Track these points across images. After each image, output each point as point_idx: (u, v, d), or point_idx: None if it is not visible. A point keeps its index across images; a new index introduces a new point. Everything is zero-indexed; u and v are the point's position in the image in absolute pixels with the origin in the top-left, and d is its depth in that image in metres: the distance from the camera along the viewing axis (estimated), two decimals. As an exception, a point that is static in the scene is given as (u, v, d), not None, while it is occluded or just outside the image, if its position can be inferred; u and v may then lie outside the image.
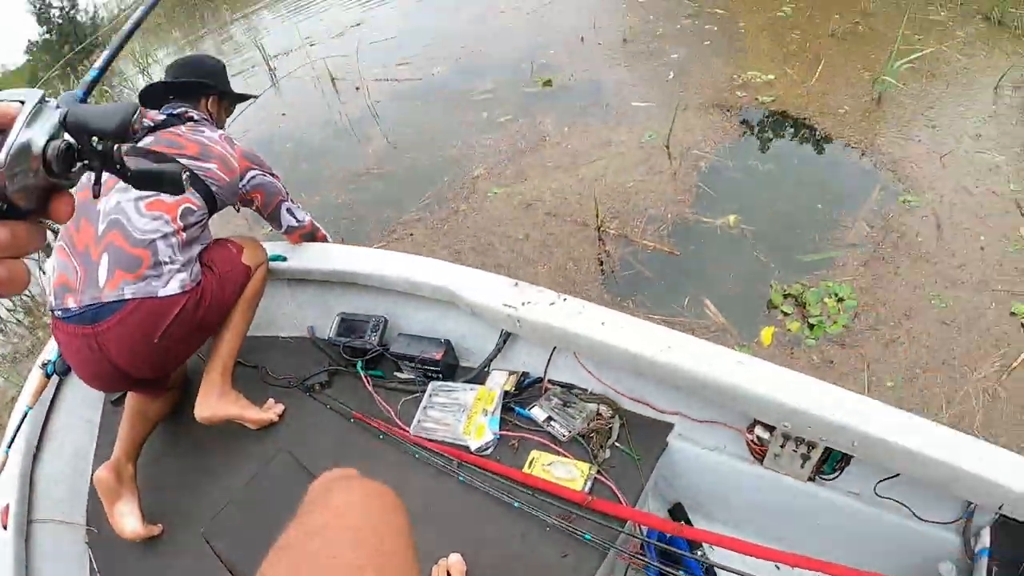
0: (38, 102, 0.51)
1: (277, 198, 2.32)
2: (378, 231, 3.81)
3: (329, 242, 2.55)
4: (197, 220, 2.02)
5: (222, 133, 2.22)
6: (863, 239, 2.95)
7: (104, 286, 1.86)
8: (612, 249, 3.16)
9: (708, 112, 4.19)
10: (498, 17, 7.40)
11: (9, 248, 0.48)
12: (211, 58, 2.58)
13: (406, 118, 5.28)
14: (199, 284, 1.98)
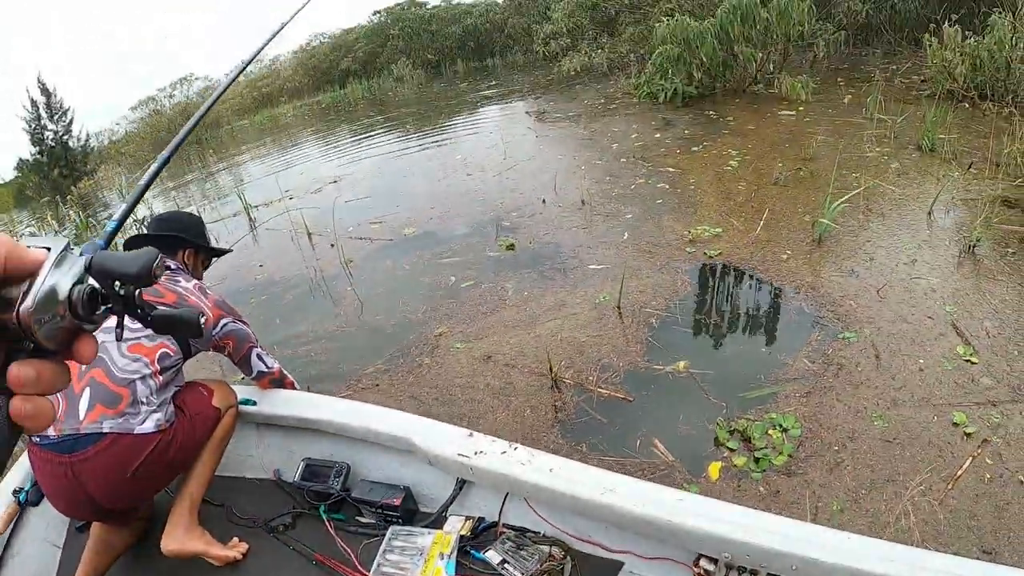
0: (63, 249, 0.54)
1: (247, 344, 2.45)
2: (345, 381, 3.95)
3: (296, 389, 2.66)
4: (172, 364, 2.15)
5: (196, 283, 2.39)
6: (804, 373, 3.13)
7: (84, 418, 1.96)
8: (567, 397, 3.30)
9: (660, 271, 4.47)
10: (465, 180, 7.90)
11: (35, 386, 0.50)
12: (188, 214, 2.79)
13: (377, 277, 5.56)
14: (172, 424, 2.09)
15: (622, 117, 10.35)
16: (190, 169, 23.14)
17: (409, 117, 18.36)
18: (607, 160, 7.70)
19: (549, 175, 7.30)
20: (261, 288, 5.84)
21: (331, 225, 7.07)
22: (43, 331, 0.50)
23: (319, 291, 5.56)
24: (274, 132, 28.93)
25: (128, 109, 50.40)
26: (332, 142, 17.08)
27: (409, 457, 2.16)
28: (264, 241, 7.59)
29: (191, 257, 2.58)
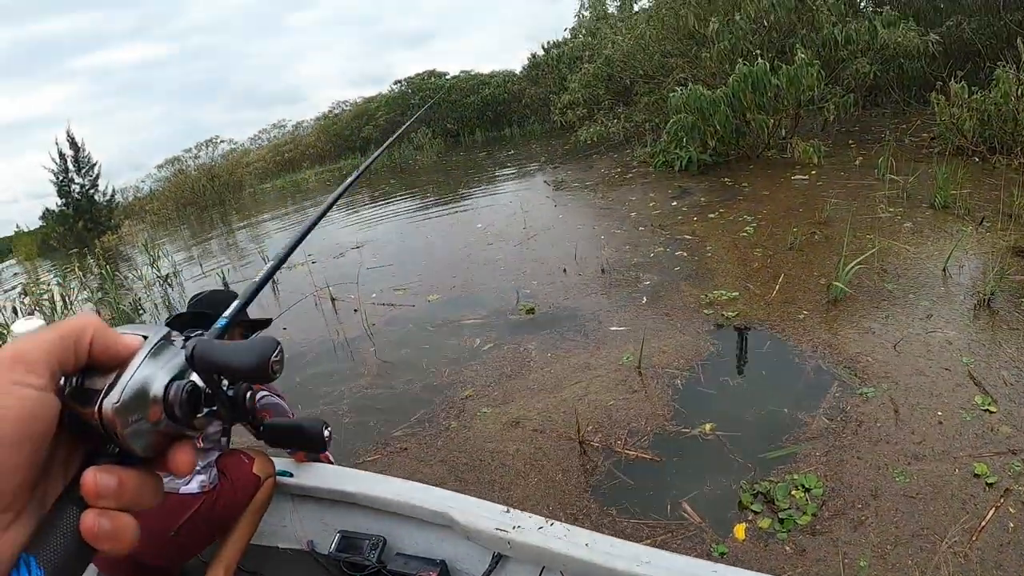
0: (162, 338, 0.48)
1: (285, 416, 2.52)
2: (372, 445, 4.01)
3: (332, 461, 2.73)
4: (213, 431, 2.25)
5: None
6: (823, 432, 3.19)
7: None
8: (597, 460, 3.36)
9: (681, 332, 4.57)
10: (486, 249, 8.06)
11: (116, 498, 0.43)
12: (224, 291, 2.95)
13: (400, 341, 5.67)
14: (215, 487, 2.18)
15: (639, 186, 10.58)
16: (213, 229, 23.57)
17: (430, 185, 18.73)
18: (625, 228, 7.89)
19: (569, 243, 7.49)
20: (284, 349, 5.97)
21: (354, 290, 7.28)
22: (130, 433, 0.43)
23: (343, 354, 5.69)
24: (296, 196, 29.47)
25: (154, 167, 51.56)
26: (354, 208, 17.38)
27: (445, 531, 2.19)
28: (287, 304, 7.77)
29: (232, 335, 2.67)
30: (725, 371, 3.99)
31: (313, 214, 0.87)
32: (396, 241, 10.61)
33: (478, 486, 3.31)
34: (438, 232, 10.67)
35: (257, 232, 18.20)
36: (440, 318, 6.00)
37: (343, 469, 2.65)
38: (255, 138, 54.41)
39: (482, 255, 7.83)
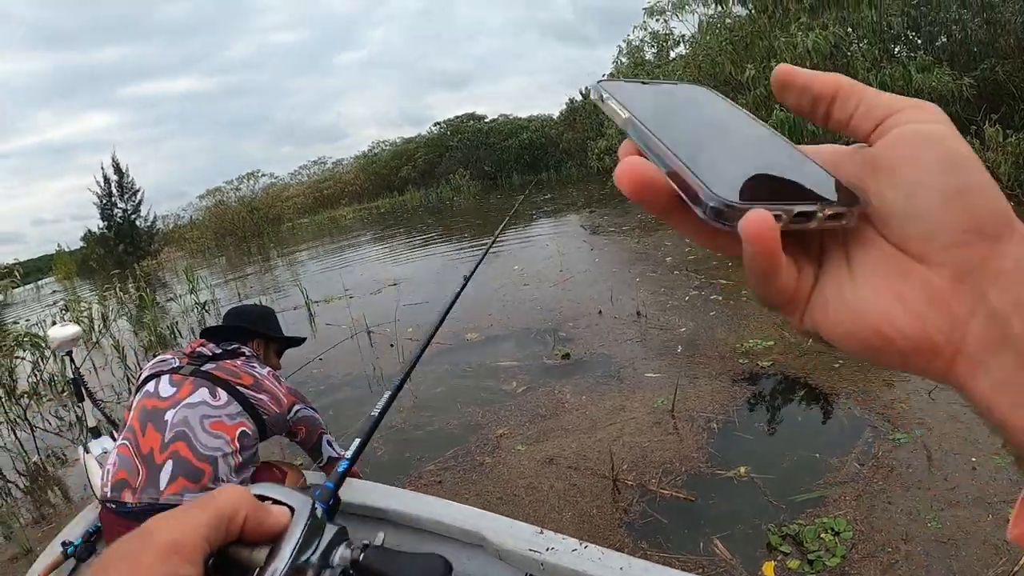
0: (310, 514, 0.47)
1: (319, 431, 2.65)
2: (406, 477, 4.11)
3: (361, 478, 2.76)
4: (251, 444, 2.31)
5: (269, 370, 2.58)
6: (854, 476, 3.25)
7: (165, 489, 2.09)
8: (631, 498, 3.44)
9: (716, 379, 4.65)
10: (522, 290, 8.19)
11: None
12: (260, 306, 3.06)
13: (436, 379, 5.80)
14: None
15: (675, 231, 10.64)
16: (250, 261, 23.99)
17: (466, 226, 18.98)
18: (661, 273, 8.01)
19: (605, 287, 7.62)
20: (319, 380, 6.16)
21: (390, 326, 7.49)
22: None
23: (378, 388, 5.83)
24: (334, 232, 29.88)
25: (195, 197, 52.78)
26: (391, 246, 17.67)
27: (477, 551, 2.18)
28: (323, 336, 7.97)
29: (260, 347, 2.78)
30: (760, 417, 4.07)
31: (443, 305, 1.03)
32: (432, 279, 10.83)
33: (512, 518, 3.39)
34: (475, 273, 10.82)
35: (294, 267, 18.55)
36: (476, 357, 6.13)
37: (374, 484, 2.67)
38: (295, 173, 55.72)
39: (518, 295, 7.98)
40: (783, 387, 4.39)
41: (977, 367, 0.31)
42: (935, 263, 0.31)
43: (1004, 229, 0.31)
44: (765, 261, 0.32)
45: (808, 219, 0.33)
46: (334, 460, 2.70)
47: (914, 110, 0.33)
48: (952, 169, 0.31)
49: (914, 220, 0.32)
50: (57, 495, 5.31)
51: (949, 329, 0.31)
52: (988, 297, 0.30)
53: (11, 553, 4.32)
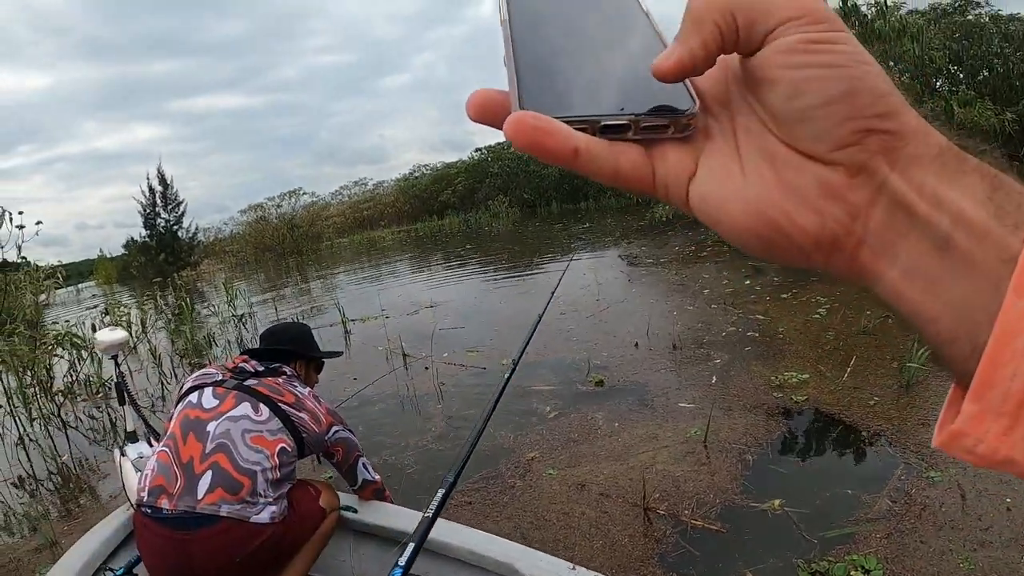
0: None
1: (355, 453, 2.69)
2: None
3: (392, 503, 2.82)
4: (289, 461, 2.35)
5: (310, 390, 2.64)
6: (885, 514, 3.24)
7: (202, 498, 2.13)
8: (663, 528, 3.46)
9: (750, 411, 4.67)
10: (559, 319, 8.23)
11: None
12: (297, 325, 3.12)
13: (469, 401, 5.88)
14: (285, 519, 2.27)
15: (712, 264, 10.70)
16: (289, 277, 24.30)
17: (504, 252, 19.10)
18: (698, 305, 8.04)
19: (642, 318, 7.64)
20: (352, 397, 6.23)
21: (426, 347, 7.58)
22: None
23: (410, 408, 5.92)
24: (372, 253, 30.17)
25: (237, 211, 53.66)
26: (429, 269, 17.80)
27: None
28: (358, 355, 8.10)
29: (301, 367, 2.83)
30: (794, 450, 4.08)
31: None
32: (469, 303, 10.95)
33: (542, 544, 3.39)
34: (511, 298, 10.98)
35: (331, 285, 18.79)
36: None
37: (407, 510, 2.72)
38: (336, 193, 56.53)
39: (554, 324, 8.02)
40: (817, 422, 4.39)
41: (883, 256, 0.33)
42: (827, 161, 0.32)
43: (895, 120, 0.32)
44: (540, 153, 0.34)
45: (622, 130, 0.35)
46: (368, 483, 2.75)
47: (791, 21, 0.32)
48: (836, 72, 0.32)
49: (798, 124, 0.33)
50: (85, 493, 5.48)
51: (849, 220, 0.32)
52: (888, 184, 0.31)
53: (35, 544, 4.47)
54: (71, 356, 9.20)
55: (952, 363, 0.31)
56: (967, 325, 0.30)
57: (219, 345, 11.02)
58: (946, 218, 0.30)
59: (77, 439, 6.98)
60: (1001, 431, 0.29)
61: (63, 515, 5.01)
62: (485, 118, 0.37)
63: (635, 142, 0.36)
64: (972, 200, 0.30)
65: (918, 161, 0.31)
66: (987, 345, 0.28)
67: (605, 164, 0.35)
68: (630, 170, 0.35)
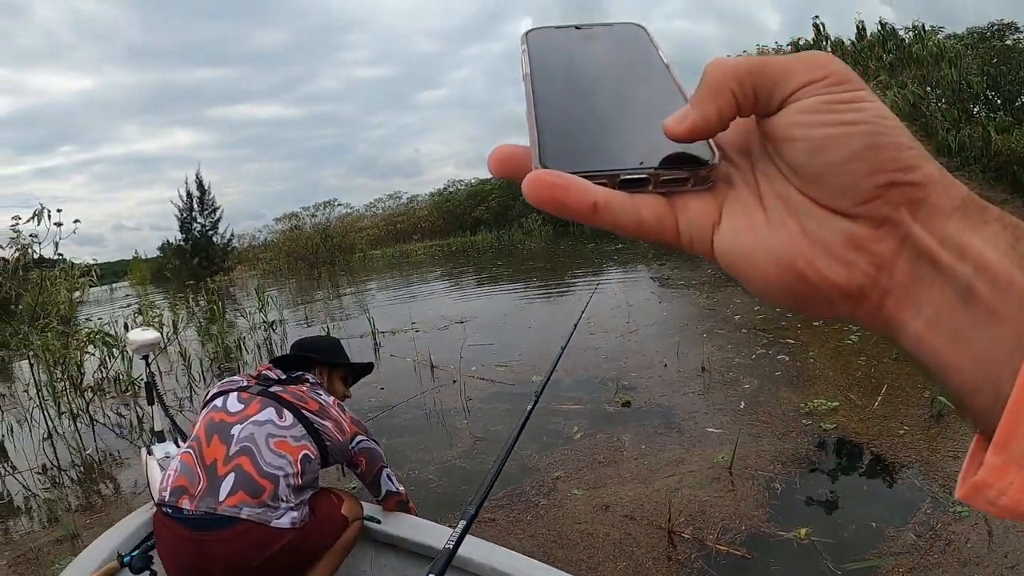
0: None
1: (379, 464, 2.70)
2: (460, 509, 4.11)
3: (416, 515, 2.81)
4: (312, 468, 2.36)
5: (335, 399, 2.66)
6: (909, 548, 3.21)
7: (224, 500, 2.15)
8: (688, 552, 3.46)
9: (778, 438, 4.65)
10: (588, 338, 8.25)
11: None
12: (326, 338, 3.16)
13: (495, 417, 5.90)
14: (305, 525, 2.27)
15: (744, 288, 10.62)
16: (320, 286, 24.49)
17: (536, 270, 19.14)
18: (729, 330, 8.02)
19: (671, 340, 7.65)
20: (378, 408, 6.32)
21: (454, 361, 7.65)
22: None
23: (435, 421, 5.98)
24: (404, 266, 30.34)
25: (272, 219, 54.36)
26: (460, 284, 17.88)
27: None
28: (387, 366, 8.17)
29: (323, 375, 2.84)
30: (821, 479, 4.05)
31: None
32: (499, 320, 11.01)
33: (566, 564, 3.41)
34: (541, 316, 11.03)
35: (363, 296, 18.96)
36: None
37: (430, 523, 2.71)
38: (371, 205, 56.89)
39: (584, 343, 8.04)
40: (846, 451, 4.37)
41: (908, 306, 0.33)
42: (851, 215, 0.33)
43: (917, 172, 0.32)
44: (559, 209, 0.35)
45: (642, 184, 0.36)
46: (392, 495, 2.75)
47: (812, 83, 0.33)
48: (859, 129, 0.32)
49: (820, 179, 0.33)
50: (108, 488, 5.65)
51: (875, 271, 0.33)
52: (912, 235, 0.32)
53: (57, 535, 4.58)
54: (102, 354, 9.42)
55: (975, 413, 0.31)
56: (990, 375, 0.30)
57: (248, 351, 11.21)
58: (969, 267, 0.31)
59: (103, 436, 7.18)
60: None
61: (85, 508, 5.15)
62: (507, 173, 0.38)
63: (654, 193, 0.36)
64: (995, 250, 0.31)
65: (940, 211, 0.32)
66: (1010, 396, 0.28)
67: (626, 217, 0.35)
68: (653, 222, 0.36)
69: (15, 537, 4.81)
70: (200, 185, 42.71)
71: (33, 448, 6.99)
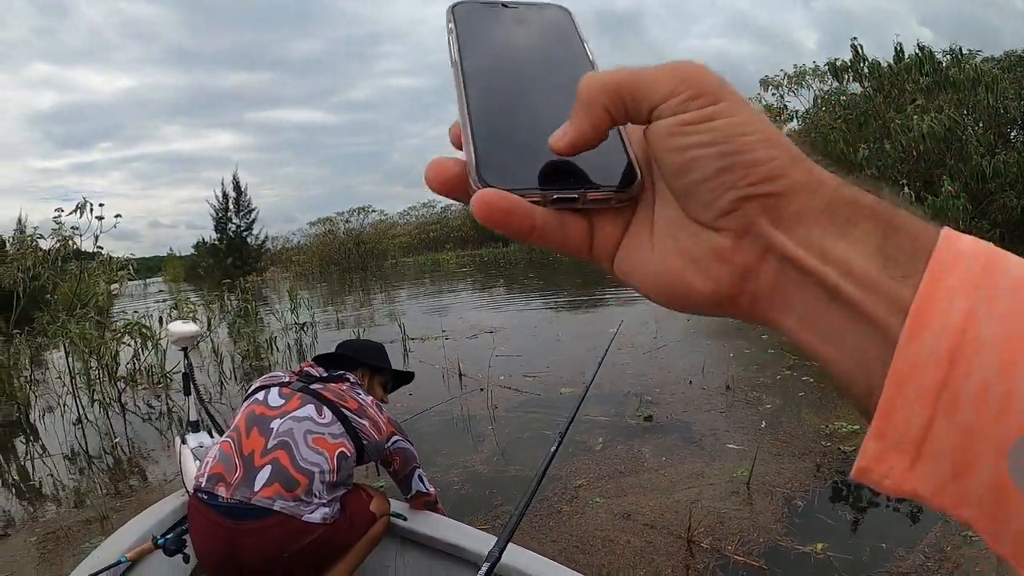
0: None
1: (412, 464, 2.75)
2: (482, 515, 4.27)
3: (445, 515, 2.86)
4: (348, 466, 2.41)
5: (373, 399, 2.71)
6: (917, 568, 3.26)
7: (258, 491, 2.19)
8: (707, 561, 3.55)
9: (798, 458, 4.73)
10: (615, 353, 8.28)
11: None
12: (369, 342, 3.26)
13: (521, 425, 6.02)
14: (336, 521, 2.32)
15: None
16: (352, 291, 24.67)
17: (566, 283, 19.16)
18: (756, 349, 8.08)
19: (697, 358, 7.71)
20: (406, 412, 6.40)
21: (483, 370, 7.75)
22: None
23: (462, 428, 6.13)
24: (434, 276, 30.42)
25: (306, 223, 54.75)
26: (491, 295, 17.98)
27: None
28: (416, 372, 8.23)
29: (365, 376, 2.88)
30: (840, 499, 4.13)
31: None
32: (528, 332, 11.14)
33: (586, 568, 3.52)
34: (570, 330, 11.15)
35: (394, 302, 19.21)
36: (562, 410, 6.30)
37: (456, 523, 2.76)
38: (404, 213, 57.16)
39: (610, 358, 7.99)
40: None
41: (778, 307, 0.35)
42: (715, 228, 0.35)
43: (777, 182, 0.33)
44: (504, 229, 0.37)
45: (571, 202, 0.38)
46: (421, 495, 2.79)
47: (671, 97, 0.35)
48: (710, 151, 0.34)
49: (686, 197, 0.36)
50: (137, 475, 5.88)
51: (740, 280, 0.35)
52: (774, 243, 0.33)
53: (86, 516, 4.80)
54: (136, 345, 9.74)
55: (855, 402, 0.33)
56: (863, 369, 0.31)
57: (279, 349, 11.42)
58: (833, 271, 0.32)
59: (133, 425, 7.45)
60: (905, 467, 0.30)
61: (114, 493, 5.37)
62: (445, 191, 0.41)
63: (581, 210, 0.38)
64: (861, 252, 0.32)
65: (803, 217, 0.33)
66: (883, 389, 0.30)
67: (555, 236, 0.38)
68: (575, 242, 0.39)
69: (45, 517, 5.04)
70: (237, 186, 43.23)
71: (64, 434, 7.28)
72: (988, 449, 0.27)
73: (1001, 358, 0.27)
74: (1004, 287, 0.29)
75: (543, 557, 2.39)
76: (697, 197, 0.35)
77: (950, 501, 0.29)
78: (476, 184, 0.37)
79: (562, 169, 0.38)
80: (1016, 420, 0.27)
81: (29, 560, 4.31)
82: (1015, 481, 0.27)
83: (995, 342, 0.27)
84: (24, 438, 7.59)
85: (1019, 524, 0.27)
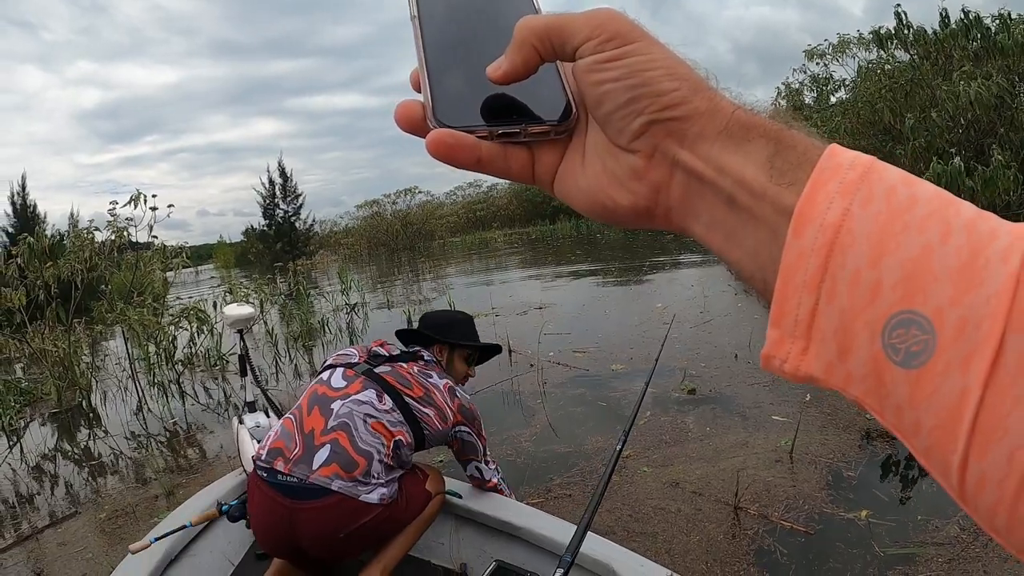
0: None
1: (471, 456, 2.71)
2: (534, 488, 4.38)
3: (505, 495, 2.83)
4: (405, 454, 2.40)
5: (447, 382, 2.62)
6: (952, 540, 3.27)
7: (317, 470, 2.19)
8: (755, 527, 3.63)
9: (842, 431, 4.76)
10: (662, 327, 8.31)
11: None
12: (452, 312, 3.16)
13: (570, 401, 6.12)
14: (393, 501, 2.32)
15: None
16: (400, 272, 24.88)
17: (614, 260, 19.10)
18: (803, 323, 7.98)
19: (744, 332, 7.71)
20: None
21: (532, 346, 7.88)
22: None
23: (512, 403, 6.24)
24: (482, 254, 30.48)
25: (353, 206, 55.04)
26: (540, 272, 17.97)
27: None
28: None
29: (442, 352, 2.82)
30: (879, 469, 4.17)
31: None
32: (578, 308, 11.18)
33: (642, 537, 3.63)
34: (618, 305, 11.18)
35: (443, 280, 19.42)
36: (610, 385, 6.46)
37: (510, 501, 2.75)
38: (451, 193, 57.18)
39: (658, 332, 8.10)
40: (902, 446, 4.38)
41: (688, 215, 0.40)
42: (630, 150, 0.40)
43: (679, 108, 0.38)
44: (452, 163, 0.42)
45: (515, 136, 0.43)
46: (475, 480, 2.79)
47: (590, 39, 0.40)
48: (620, 85, 0.39)
49: (605, 125, 0.41)
50: (196, 454, 6.13)
51: (654, 193, 0.40)
52: (679, 160, 0.39)
53: (153, 493, 5.06)
54: (193, 330, 10.07)
55: (759, 295, 0.38)
56: (759, 266, 0.37)
57: (331, 331, 11.66)
58: (728, 181, 0.37)
59: (191, 407, 7.74)
60: (799, 351, 0.34)
61: (176, 471, 5.65)
62: (410, 129, 0.44)
63: (524, 142, 0.44)
64: (753, 165, 0.36)
65: (703, 137, 0.38)
66: (776, 283, 0.34)
67: (499, 166, 0.44)
68: (518, 170, 0.45)
69: (111, 494, 5.31)
70: (282, 172, 43.63)
71: (125, 416, 7.64)
72: (864, 330, 0.31)
73: (872, 250, 0.31)
74: (879, 191, 0.32)
75: (616, 544, 2.40)
76: (613, 124, 0.40)
77: (839, 381, 0.33)
78: (432, 124, 0.42)
79: (508, 106, 0.44)
80: (886, 303, 0.30)
81: (101, 537, 4.52)
82: (889, 357, 0.30)
83: (867, 236, 0.31)
84: (86, 422, 7.92)
85: (897, 398, 0.31)
